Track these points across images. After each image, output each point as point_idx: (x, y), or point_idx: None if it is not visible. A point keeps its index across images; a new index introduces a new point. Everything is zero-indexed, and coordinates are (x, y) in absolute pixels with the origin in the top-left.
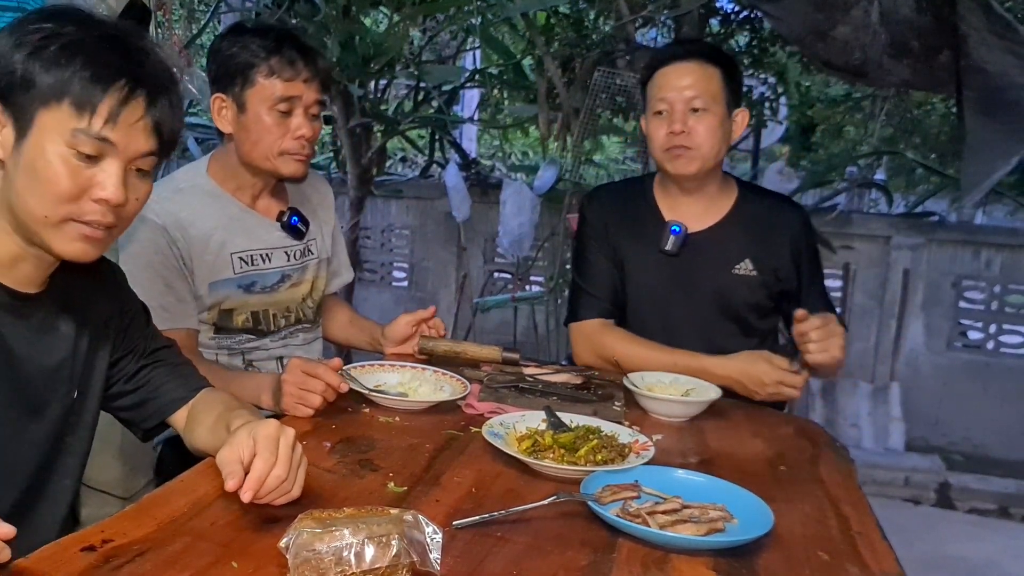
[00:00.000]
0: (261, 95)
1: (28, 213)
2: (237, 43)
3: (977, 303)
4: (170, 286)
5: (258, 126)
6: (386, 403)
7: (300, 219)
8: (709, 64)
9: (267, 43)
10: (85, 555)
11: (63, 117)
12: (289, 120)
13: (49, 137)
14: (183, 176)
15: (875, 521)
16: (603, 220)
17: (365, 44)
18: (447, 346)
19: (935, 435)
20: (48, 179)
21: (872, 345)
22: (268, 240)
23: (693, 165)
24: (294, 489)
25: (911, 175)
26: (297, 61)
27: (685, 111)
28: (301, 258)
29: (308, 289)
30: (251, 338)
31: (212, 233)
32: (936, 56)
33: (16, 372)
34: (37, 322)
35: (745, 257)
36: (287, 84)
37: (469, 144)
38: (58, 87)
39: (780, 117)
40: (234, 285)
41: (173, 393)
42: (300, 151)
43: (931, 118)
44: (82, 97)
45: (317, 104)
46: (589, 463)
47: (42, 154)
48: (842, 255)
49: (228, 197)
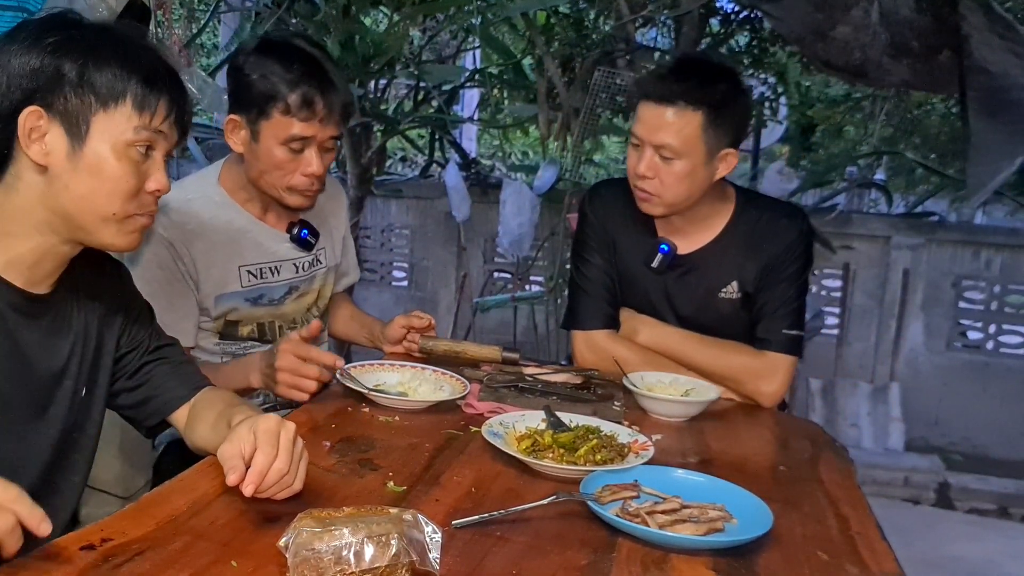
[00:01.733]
0: (275, 130)
1: (94, 211)
2: (259, 68)
3: (977, 303)
4: (172, 303)
5: (269, 159)
6: (385, 403)
7: (310, 231)
8: (689, 107)
9: (290, 76)
10: (85, 554)
11: (125, 116)
12: (300, 157)
13: (112, 138)
14: (193, 185)
15: (874, 521)
16: (603, 217)
17: (365, 44)
18: (447, 346)
19: (935, 435)
20: (117, 178)
21: (872, 345)
22: (277, 252)
23: (657, 210)
24: (295, 483)
25: (911, 175)
26: (316, 101)
27: (654, 153)
28: (309, 269)
29: (314, 298)
30: (256, 345)
31: (220, 246)
32: (936, 56)
33: (27, 373)
34: (47, 323)
35: (732, 280)
36: (303, 125)
37: (469, 144)
38: (119, 90)
39: (780, 117)
40: (241, 298)
41: (174, 391)
42: (308, 188)
43: (931, 118)
44: (143, 97)
45: (331, 139)
46: (588, 463)
47: (107, 155)
48: (842, 255)
49: (238, 208)
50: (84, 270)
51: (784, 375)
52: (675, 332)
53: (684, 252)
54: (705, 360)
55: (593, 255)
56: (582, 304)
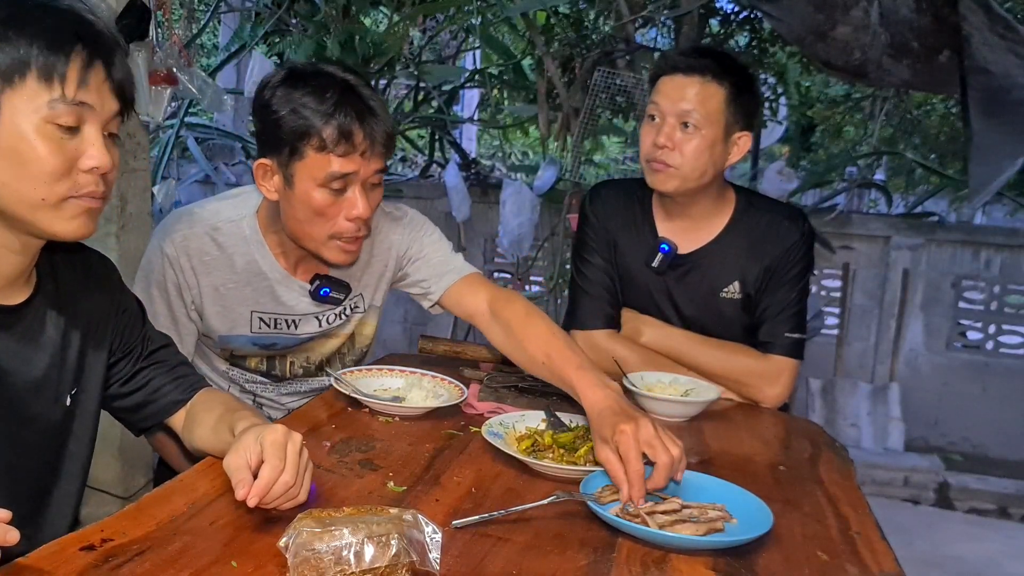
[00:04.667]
0: (311, 172)
1: (20, 200)
2: (289, 102)
3: (976, 303)
4: (171, 309)
5: (306, 207)
6: (380, 408)
7: (332, 287)
8: (715, 81)
9: (323, 107)
10: (84, 554)
11: (32, 92)
12: (343, 199)
13: (23, 116)
14: (227, 211)
15: (874, 521)
16: (604, 218)
17: (365, 44)
18: (447, 346)
19: (934, 435)
20: (35, 159)
21: (872, 345)
22: (297, 307)
23: (671, 183)
24: (301, 494)
25: (911, 175)
26: (355, 132)
27: (675, 124)
28: (335, 321)
29: (344, 341)
30: (265, 384)
31: (235, 286)
32: (936, 56)
33: (1, 387)
34: (20, 332)
35: (734, 280)
36: (342, 160)
37: (469, 144)
38: (18, 63)
39: (780, 117)
40: (248, 342)
41: (171, 396)
42: (355, 233)
43: (931, 118)
44: (46, 67)
45: (377, 173)
46: (588, 463)
47: (21, 136)
48: (842, 255)
49: (266, 252)
50: (68, 274)
51: (787, 378)
52: (679, 333)
53: (684, 251)
54: (709, 362)
55: (594, 255)
56: (583, 304)
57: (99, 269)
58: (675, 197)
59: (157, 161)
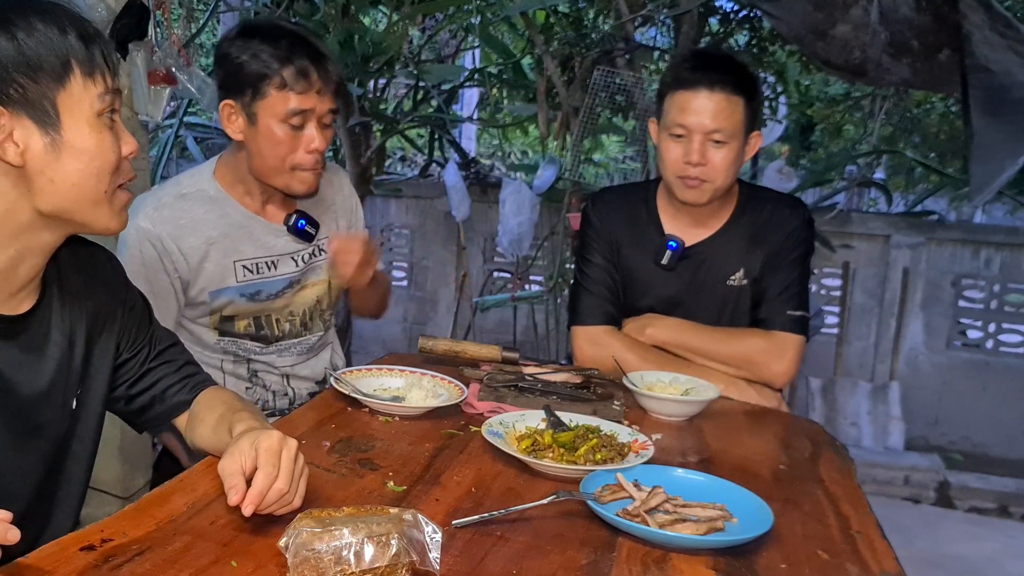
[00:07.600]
0: (273, 109)
1: (85, 199)
2: (247, 49)
3: (976, 302)
4: (156, 294)
5: (269, 140)
6: (380, 408)
7: (308, 221)
8: (735, 94)
9: (279, 52)
10: (84, 554)
11: (80, 87)
12: (302, 133)
13: (83, 112)
14: (188, 180)
15: (875, 520)
16: (607, 223)
17: (364, 43)
18: (447, 345)
19: (935, 434)
20: (102, 152)
21: (872, 344)
22: (274, 247)
23: (706, 196)
24: (295, 500)
25: (910, 174)
26: (311, 72)
27: (704, 140)
28: (310, 260)
29: (323, 290)
30: (257, 346)
31: (214, 241)
32: (936, 55)
33: (8, 396)
34: (25, 341)
35: (739, 267)
36: (300, 97)
37: (468, 143)
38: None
39: (779, 116)
40: (236, 293)
41: (178, 397)
42: (313, 166)
43: (931, 117)
44: (89, 59)
45: (329, 113)
46: (588, 462)
47: (86, 132)
48: (841, 254)
49: (234, 203)
50: (73, 274)
51: (793, 353)
52: (684, 323)
53: (690, 243)
54: (717, 346)
55: (595, 256)
56: (584, 301)
57: (104, 265)
58: (703, 206)
59: (156, 161)
